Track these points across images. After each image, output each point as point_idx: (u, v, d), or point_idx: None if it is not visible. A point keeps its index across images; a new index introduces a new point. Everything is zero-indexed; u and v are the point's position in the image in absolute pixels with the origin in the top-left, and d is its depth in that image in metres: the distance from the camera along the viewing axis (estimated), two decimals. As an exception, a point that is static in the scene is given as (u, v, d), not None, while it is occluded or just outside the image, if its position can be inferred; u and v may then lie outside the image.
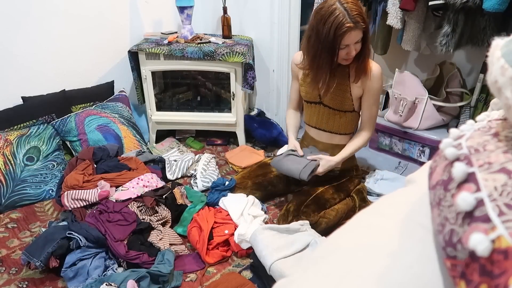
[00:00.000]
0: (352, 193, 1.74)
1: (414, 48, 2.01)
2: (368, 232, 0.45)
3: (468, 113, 2.01)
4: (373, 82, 1.55)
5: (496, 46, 0.37)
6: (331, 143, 1.74)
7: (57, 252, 1.38)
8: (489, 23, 1.71)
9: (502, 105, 0.36)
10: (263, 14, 2.33)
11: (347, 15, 1.35)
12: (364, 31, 1.41)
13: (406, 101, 2.03)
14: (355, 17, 1.35)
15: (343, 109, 1.64)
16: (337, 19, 1.35)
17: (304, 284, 0.43)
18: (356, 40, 1.41)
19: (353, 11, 1.35)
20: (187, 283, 1.42)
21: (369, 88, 1.57)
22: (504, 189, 0.30)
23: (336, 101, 1.62)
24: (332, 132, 1.72)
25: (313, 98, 1.68)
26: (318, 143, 1.76)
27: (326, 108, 1.66)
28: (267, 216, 1.71)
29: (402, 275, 0.37)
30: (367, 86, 1.57)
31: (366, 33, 1.43)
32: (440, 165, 0.39)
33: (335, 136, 1.72)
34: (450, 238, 0.32)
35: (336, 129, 1.70)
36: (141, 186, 1.69)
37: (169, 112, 2.44)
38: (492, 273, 0.27)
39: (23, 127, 1.97)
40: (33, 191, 1.83)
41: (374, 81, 1.55)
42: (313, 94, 1.66)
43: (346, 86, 1.59)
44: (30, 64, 2.03)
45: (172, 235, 1.60)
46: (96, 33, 2.24)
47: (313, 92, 1.66)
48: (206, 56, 2.15)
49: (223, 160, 2.31)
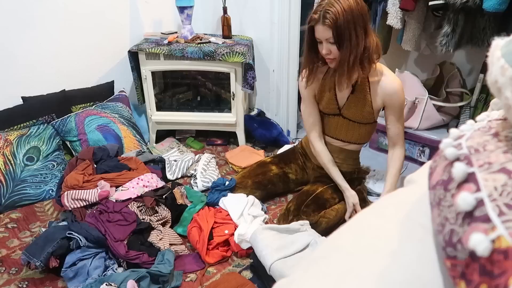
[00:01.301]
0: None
1: (414, 48, 2.01)
2: (368, 232, 0.45)
3: (468, 113, 2.01)
4: (393, 99, 1.48)
5: (496, 46, 0.37)
6: (341, 147, 1.70)
7: (57, 252, 1.38)
8: (489, 23, 1.71)
9: (502, 105, 0.36)
10: (263, 14, 2.33)
11: (321, 9, 1.32)
12: (337, 35, 1.32)
13: (406, 101, 2.03)
14: (325, 13, 1.30)
15: (364, 122, 1.59)
16: (313, 10, 1.35)
17: (304, 284, 0.43)
18: (325, 38, 1.34)
19: (328, 8, 1.30)
20: (187, 283, 1.42)
21: (389, 104, 1.51)
22: (504, 189, 0.30)
23: (356, 114, 1.57)
24: (349, 142, 1.68)
25: (332, 111, 1.62)
26: (327, 144, 1.72)
27: (345, 120, 1.62)
28: (267, 216, 1.71)
29: (402, 275, 0.37)
30: (387, 103, 1.51)
31: (340, 39, 1.32)
32: (440, 165, 0.39)
33: (349, 145, 1.69)
34: (450, 238, 0.32)
35: (355, 139, 1.66)
36: (141, 186, 1.69)
37: (169, 112, 2.44)
38: (492, 273, 0.27)
39: (23, 127, 1.97)
40: (33, 191, 1.83)
41: (394, 98, 1.48)
42: (332, 107, 1.60)
43: (367, 100, 1.52)
44: (30, 64, 2.03)
45: (172, 235, 1.60)
46: (96, 33, 2.24)
47: (331, 105, 1.60)
48: (206, 56, 2.15)
49: (223, 160, 2.31)
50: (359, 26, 1.32)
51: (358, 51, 1.35)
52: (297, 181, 1.89)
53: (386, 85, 1.48)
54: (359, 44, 1.34)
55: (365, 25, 1.35)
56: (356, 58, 1.37)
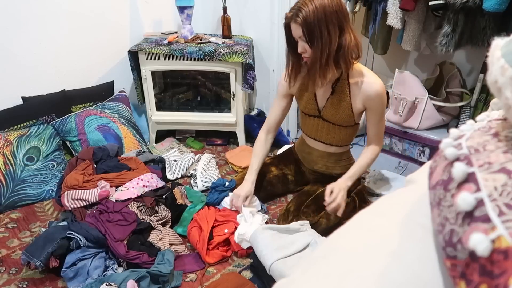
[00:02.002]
0: (352, 193, 1.74)
1: (414, 48, 2.01)
2: (368, 232, 0.45)
3: (468, 113, 2.01)
4: (374, 102, 1.46)
5: (496, 46, 0.37)
6: (326, 151, 1.71)
7: (57, 252, 1.38)
8: (489, 23, 1.71)
9: (502, 105, 0.36)
10: (263, 14, 2.33)
11: (295, 7, 1.32)
12: (307, 33, 1.31)
13: (406, 101, 2.03)
14: (297, 11, 1.31)
15: (344, 125, 1.58)
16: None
17: (304, 284, 0.43)
18: (298, 35, 1.34)
19: (301, 6, 1.30)
20: (187, 283, 1.42)
21: (370, 107, 1.49)
22: (504, 189, 0.30)
23: (336, 116, 1.55)
24: (331, 145, 1.68)
25: (312, 112, 1.62)
26: (313, 150, 1.74)
27: (325, 122, 1.61)
28: (267, 216, 1.71)
29: (402, 275, 0.37)
30: (368, 105, 1.49)
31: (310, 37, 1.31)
32: (440, 165, 0.39)
33: (331, 147, 1.69)
34: (450, 238, 0.32)
35: (336, 142, 1.66)
36: (141, 186, 1.69)
37: (169, 112, 2.44)
38: (492, 273, 0.27)
39: (23, 127, 1.97)
40: (33, 191, 1.83)
41: (375, 100, 1.46)
42: (311, 107, 1.60)
43: (346, 102, 1.51)
44: (30, 64, 2.03)
45: (172, 235, 1.60)
46: (96, 33, 2.24)
47: (311, 106, 1.60)
48: (206, 56, 2.15)
49: (223, 160, 2.31)
50: (332, 24, 1.30)
51: (331, 49, 1.33)
52: (296, 182, 1.89)
53: (366, 87, 1.45)
54: (332, 42, 1.31)
55: (340, 23, 1.32)
56: (330, 57, 1.34)
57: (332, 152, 1.70)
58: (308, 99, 1.60)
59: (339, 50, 1.35)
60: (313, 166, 1.78)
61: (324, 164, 1.75)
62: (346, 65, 1.39)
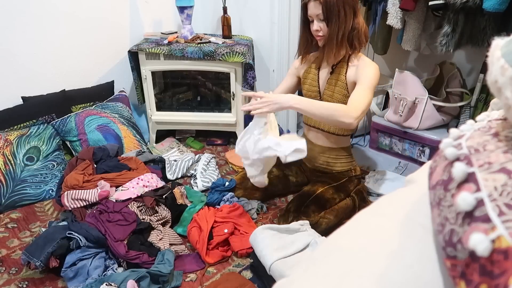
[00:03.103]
0: (352, 193, 1.74)
1: (414, 48, 2.01)
2: (368, 232, 0.45)
3: (468, 113, 2.01)
4: (364, 71, 1.50)
5: (496, 46, 0.37)
6: (328, 146, 1.75)
7: (57, 252, 1.38)
8: (489, 23, 1.71)
9: (502, 105, 0.36)
10: (263, 14, 2.33)
11: None
12: (326, 10, 1.43)
13: (406, 101, 2.03)
14: None
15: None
16: None
17: (304, 284, 0.43)
18: (316, 14, 1.47)
19: None
20: (187, 283, 1.42)
21: (358, 75, 1.52)
22: (504, 189, 0.30)
23: (333, 97, 1.63)
24: (330, 133, 1.72)
25: (314, 94, 1.70)
26: (315, 146, 1.77)
27: None
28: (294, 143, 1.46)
29: (402, 275, 0.37)
30: (358, 76, 1.52)
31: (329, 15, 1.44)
32: (440, 165, 0.39)
33: (332, 136, 1.72)
34: (450, 238, 0.32)
35: (333, 129, 1.70)
36: (141, 186, 1.69)
37: (169, 112, 2.44)
38: (492, 273, 0.27)
39: (23, 127, 1.97)
40: (33, 191, 1.83)
41: (365, 70, 1.50)
42: (314, 90, 1.70)
43: (342, 82, 1.60)
44: (30, 64, 2.03)
45: (172, 235, 1.60)
46: (96, 33, 2.24)
47: (313, 87, 1.70)
48: (206, 56, 2.15)
49: (223, 160, 2.31)
50: (348, 5, 1.44)
51: (346, 28, 1.47)
52: (297, 183, 1.89)
53: (361, 65, 1.55)
54: (347, 22, 1.46)
55: (354, 6, 1.47)
56: (345, 35, 1.49)
57: (333, 144, 1.74)
58: (311, 81, 1.71)
59: (353, 30, 1.50)
60: (315, 163, 1.80)
61: (325, 160, 1.76)
62: (360, 45, 1.54)
